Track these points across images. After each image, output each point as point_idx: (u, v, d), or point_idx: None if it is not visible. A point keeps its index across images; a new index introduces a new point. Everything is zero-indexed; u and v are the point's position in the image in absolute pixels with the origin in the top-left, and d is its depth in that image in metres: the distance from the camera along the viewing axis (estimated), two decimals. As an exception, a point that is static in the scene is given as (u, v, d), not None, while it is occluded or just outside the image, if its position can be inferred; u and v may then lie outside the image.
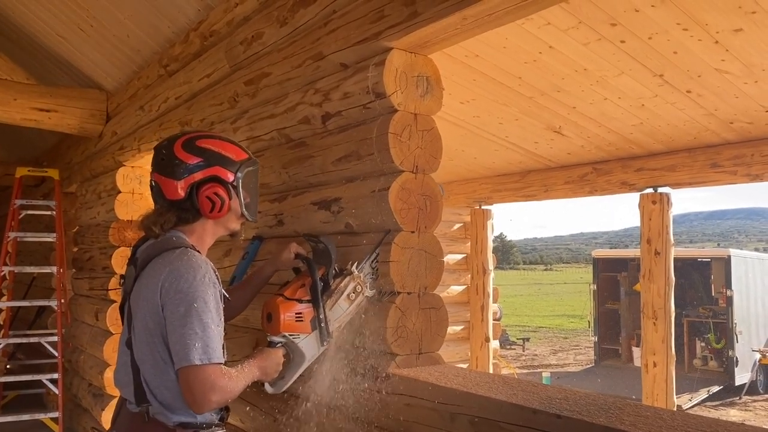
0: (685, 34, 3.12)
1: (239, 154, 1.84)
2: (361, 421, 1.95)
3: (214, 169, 1.76)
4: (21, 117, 4.67)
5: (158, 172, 1.76)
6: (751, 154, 4.37)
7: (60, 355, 5.46)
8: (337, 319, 1.86)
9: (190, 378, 1.54)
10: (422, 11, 1.80)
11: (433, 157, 2.00)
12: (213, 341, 1.57)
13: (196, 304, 1.57)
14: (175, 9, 3.36)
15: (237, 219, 1.87)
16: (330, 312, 1.84)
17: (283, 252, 2.03)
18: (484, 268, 6.64)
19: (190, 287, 1.59)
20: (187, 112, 3.41)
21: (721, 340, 11.32)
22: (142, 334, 1.65)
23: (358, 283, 1.88)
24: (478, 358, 6.59)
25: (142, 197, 4.72)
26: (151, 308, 1.62)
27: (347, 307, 1.87)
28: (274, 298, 1.84)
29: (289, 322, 1.80)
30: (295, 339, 1.81)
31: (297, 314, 1.81)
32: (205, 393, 1.54)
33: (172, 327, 1.58)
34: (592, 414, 1.36)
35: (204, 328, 1.56)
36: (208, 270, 1.65)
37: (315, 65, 2.28)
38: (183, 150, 1.74)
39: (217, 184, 1.76)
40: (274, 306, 1.82)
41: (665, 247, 4.78)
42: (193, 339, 1.55)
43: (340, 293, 1.85)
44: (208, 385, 1.54)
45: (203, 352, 1.55)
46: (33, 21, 4.66)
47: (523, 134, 4.91)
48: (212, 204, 1.75)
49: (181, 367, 1.56)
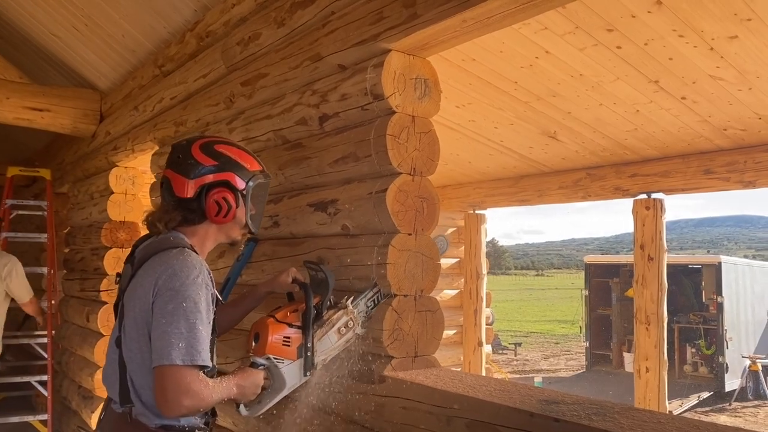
0: (680, 41, 3.14)
1: (254, 165, 1.84)
2: (357, 423, 1.93)
3: (226, 174, 1.76)
4: (13, 116, 4.63)
5: (171, 169, 1.77)
6: (744, 161, 4.40)
7: (50, 356, 5.41)
8: (324, 351, 1.81)
9: (166, 377, 1.50)
10: (422, 13, 1.80)
11: (430, 160, 2.00)
12: (198, 343, 1.54)
13: (185, 304, 1.55)
14: (172, 9, 3.35)
15: (240, 228, 1.86)
16: (318, 342, 1.80)
17: (281, 275, 2.00)
18: (478, 273, 6.64)
19: (182, 286, 1.57)
20: (182, 112, 3.40)
21: (712, 346, 11.38)
22: (133, 332, 1.63)
23: (351, 319, 1.84)
24: (471, 362, 6.59)
25: (135, 198, 4.69)
26: (143, 306, 1.60)
27: (336, 341, 1.83)
28: (264, 319, 1.80)
29: (275, 344, 1.75)
30: (279, 364, 1.75)
31: (285, 338, 1.76)
32: (179, 395, 1.49)
33: (157, 323, 1.55)
34: (590, 417, 1.36)
35: (190, 328, 1.53)
36: (202, 271, 1.63)
37: (313, 66, 2.27)
38: (200, 151, 1.76)
39: (227, 190, 1.76)
40: (263, 326, 1.78)
41: (658, 253, 4.80)
42: (178, 338, 1.51)
43: (331, 325, 1.82)
44: (183, 387, 1.49)
45: (186, 352, 1.51)
46: (26, 19, 4.63)
47: (518, 139, 4.93)
48: (219, 208, 1.74)
49: (160, 365, 1.51)
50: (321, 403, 2.03)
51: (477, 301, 6.64)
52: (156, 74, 3.78)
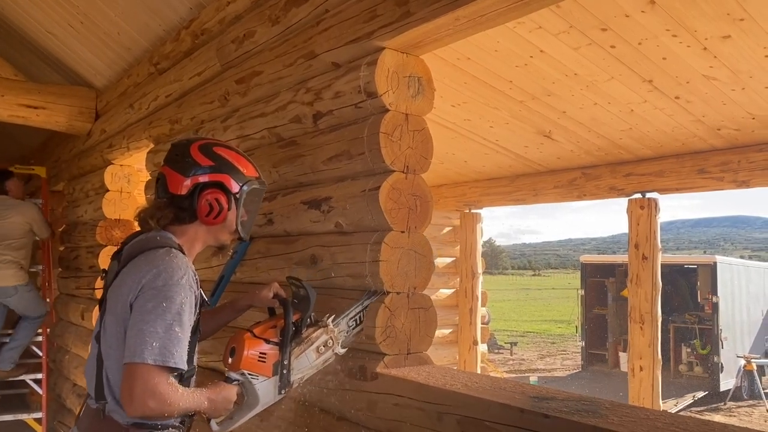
0: (674, 41, 3.15)
1: (251, 171, 1.85)
2: (349, 420, 1.94)
3: (222, 175, 1.77)
4: (8, 114, 4.62)
5: (168, 166, 1.78)
6: (738, 161, 4.42)
7: (45, 354, 5.41)
8: (301, 370, 1.78)
9: (135, 375, 1.48)
10: (415, 11, 1.80)
11: (423, 158, 2.00)
12: (173, 345, 1.51)
13: (165, 304, 1.53)
14: (167, 7, 3.35)
15: (229, 233, 1.85)
16: (295, 360, 1.77)
17: (263, 289, 1.98)
18: (473, 272, 6.65)
19: (165, 286, 1.55)
20: (177, 110, 3.40)
21: (707, 346, 11.42)
22: (112, 328, 1.62)
23: (331, 338, 1.82)
24: (466, 361, 6.60)
25: (130, 196, 4.69)
26: (124, 304, 1.59)
27: (314, 360, 1.80)
28: (241, 333, 1.78)
29: (251, 359, 1.72)
30: (254, 380, 1.72)
31: (261, 354, 1.73)
32: (145, 395, 1.46)
33: (134, 321, 1.53)
34: (580, 414, 1.36)
35: (167, 329, 1.51)
36: (187, 272, 1.62)
37: (307, 64, 2.28)
38: (199, 151, 1.77)
39: (220, 191, 1.76)
40: (239, 340, 1.75)
41: (653, 252, 4.82)
42: (153, 337, 1.49)
43: (310, 343, 1.79)
44: (149, 387, 1.47)
45: (159, 352, 1.48)
46: (22, 16, 4.62)
47: (513, 138, 4.94)
48: (210, 209, 1.74)
49: (131, 362, 1.49)
50: (314, 400, 2.03)
51: (472, 300, 6.65)
52: (151, 72, 3.78)
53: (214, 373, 2.64)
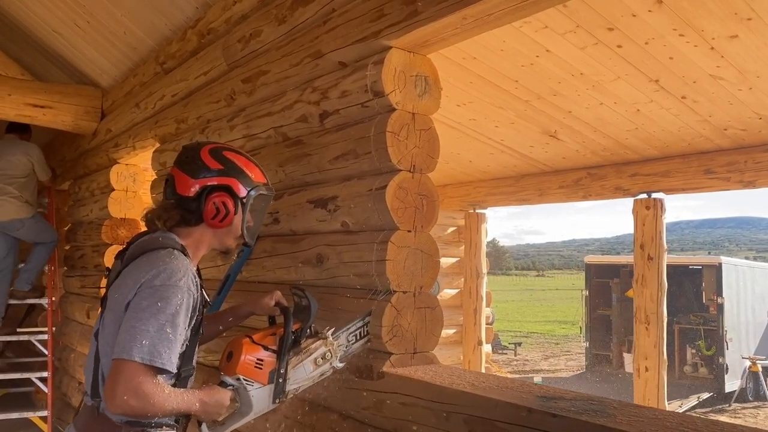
0: (681, 40, 3.14)
1: (259, 177, 1.85)
2: (355, 419, 1.94)
3: (230, 179, 1.77)
4: (15, 113, 4.64)
5: (178, 167, 1.79)
6: (744, 161, 4.40)
7: (50, 353, 5.42)
8: (297, 380, 1.77)
9: (120, 371, 1.46)
10: (422, 10, 1.80)
11: (430, 157, 2.00)
12: (163, 345, 1.49)
13: (160, 304, 1.52)
14: (173, 6, 3.36)
15: (235, 238, 1.86)
16: (292, 370, 1.75)
17: (265, 297, 1.98)
18: (478, 272, 6.65)
19: (162, 286, 1.55)
20: (183, 109, 3.40)
21: (712, 347, 11.37)
22: (110, 326, 1.62)
23: (330, 350, 1.81)
24: (471, 361, 6.60)
25: (136, 195, 4.70)
26: (123, 303, 1.58)
27: (311, 371, 1.79)
28: (239, 338, 1.77)
29: (247, 365, 1.71)
30: (249, 386, 1.70)
31: (258, 360, 1.72)
32: (127, 393, 1.44)
33: (128, 318, 1.53)
34: (588, 413, 1.36)
35: (159, 329, 1.50)
36: (187, 274, 1.61)
37: (313, 63, 2.28)
38: (209, 154, 1.78)
39: (227, 195, 1.76)
40: (237, 345, 1.74)
41: (658, 252, 4.81)
42: (143, 335, 1.48)
43: (308, 354, 1.78)
44: (132, 386, 1.45)
45: (148, 351, 1.47)
46: (28, 16, 4.63)
47: (519, 138, 4.93)
48: (217, 211, 1.75)
49: (118, 358, 1.48)
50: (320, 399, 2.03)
51: (477, 301, 6.65)
52: (157, 71, 3.78)
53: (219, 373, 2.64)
